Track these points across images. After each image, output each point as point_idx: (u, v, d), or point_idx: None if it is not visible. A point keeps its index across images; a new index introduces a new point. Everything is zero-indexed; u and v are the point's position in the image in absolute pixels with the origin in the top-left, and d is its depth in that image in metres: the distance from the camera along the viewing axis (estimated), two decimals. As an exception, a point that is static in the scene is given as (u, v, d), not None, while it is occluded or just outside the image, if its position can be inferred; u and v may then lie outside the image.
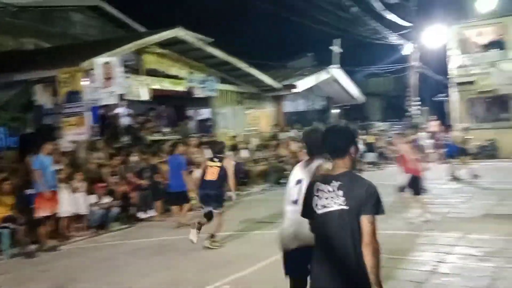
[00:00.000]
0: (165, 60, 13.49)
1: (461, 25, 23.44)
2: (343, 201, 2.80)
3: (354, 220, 2.78)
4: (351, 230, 2.78)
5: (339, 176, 2.89)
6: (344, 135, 3.00)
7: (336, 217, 2.81)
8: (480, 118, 23.47)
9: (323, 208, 2.87)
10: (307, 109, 23.67)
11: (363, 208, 2.77)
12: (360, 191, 2.81)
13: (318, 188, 2.92)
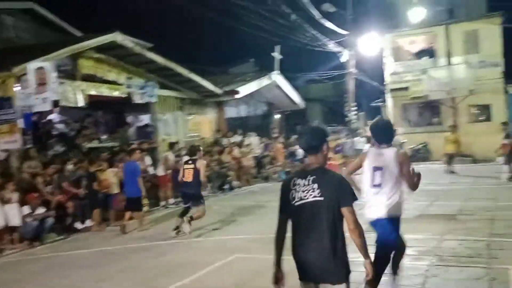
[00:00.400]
0: (103, 65, 13.12)
1: (394, 33, 24.47)
2: (318, 193, 3.13)
3: (329, 209, 3.12)
4: (326, 219, 3.11)
5: (314, 171, 3.21)
6: (317, 134, 3.33)
7: (312, 207, 3.13)
8: (413, 123, 24.58)
9: (300, 200, 3.17)
10: (249, 114, 23.79)
11: (341, 200, 3.13)
12: (334, 183, 3.16)
13: (295, 182, 3.22)
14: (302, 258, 3.23)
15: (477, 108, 22.45)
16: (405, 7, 24.86)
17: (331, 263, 3.13)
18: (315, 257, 3.16)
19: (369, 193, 4.71)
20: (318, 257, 3.15)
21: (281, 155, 19.14)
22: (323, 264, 3.14)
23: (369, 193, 4.71)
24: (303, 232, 3.19)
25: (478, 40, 22.22)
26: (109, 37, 12.43)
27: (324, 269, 3.14)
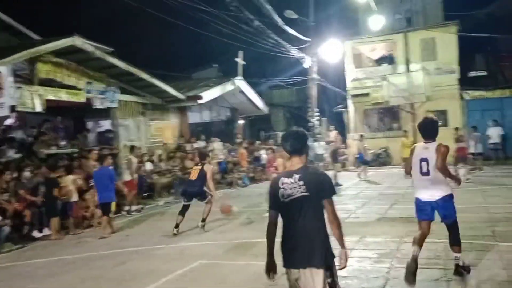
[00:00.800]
0: (62, 69, 12.78)
1: (355, 40, 24.97)
2: (304, 189, 3.54)
3: (315, 202, 3.56)
4: (313, 211, 3.56)
5: (298, 170, 3.64)
6: (300, 138, 3.78)
7: (300, 202, 3.55)
8: (374, 128, 25.12)
9: (289, 197, 3.58)
10: (212, 120, 23.73)
11: (323, 194, 3.57)
12: (317, 179, 3.61)
13: (283, 182, 3.63)
14: (292, 247, 3.59)
15: (434, 113, 23.10)
16: (366, 15, 25.41)
17: (318, 250, 3.53)
18: (304, 245, 3.54)
19: (420, 180, 5.68)
20: (306, 245, 3.54)
21: (245, 160, 19.16)
22: (310, 251, 3.52)
23: (419, 179, 5.67)
24: (292, 225, 3.61)
25: (435, 47, 22.95)
26: (68, 41, 12.13)
27: (311, 255, 3.52)
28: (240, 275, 6.42)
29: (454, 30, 22.61)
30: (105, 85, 14.23)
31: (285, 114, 35.33)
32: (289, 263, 3.64)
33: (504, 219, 8.80)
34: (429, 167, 5.52)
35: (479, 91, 22.61)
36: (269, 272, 3.73)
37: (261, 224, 9.94)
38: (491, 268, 5.91)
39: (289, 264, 3.65)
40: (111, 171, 10.42)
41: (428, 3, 27.27)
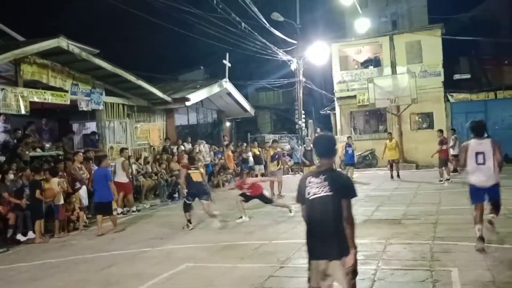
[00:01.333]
0: (47, 71, 12.65)
1: (341, 43, 25.11)
2: (328, 189, 3.90)
3: (336, 201, 3.89)
4: (333, 210, 3.88)
5: (325, 171, 3.99)
6: (330, 143, 4.20)
7: (323, 200, 3.90)
8: (360, 130, 25.27)
9: (314, 194, 3.94)
10: (199, 122, 23.67)
11: (344, 194, 3.92)
12: (340, 181, 3.98)
13: (310, 180, 4.00)
14: (316, 241, 3.97)
15: (420, 116, 23.35)
16: (352, 17, 25.59)
17: (340, 244, 3.89)
18: (327, 239, 3.90)
19: (476, 169, 6.91)
20: (329, 239, 3.90)
21: (232, 162, 19.12)
22: (334, 245, 3.89)
23: (475, 169, 6.90)
24: (315, 220, 3.97)
25: (420, 50, 23.18)
26: (53, 43, 11.99)
27: (335, 248, 3.89)
28: (226, 278, 6.39)
29: (438, 33, 22.87)
30: (90, 87, 14.12)
31: (272, 116, 35.43)
32: (315, 255, 3.99)
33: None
34: (485, 159, 6.78)
35: (463, 94, 22.91)
36: None
37: (246, 227, 9.96)
38: (476, 269, 5.97)
39: (314, 257, 3.99)
40: (107, 171, 10.84)
41: (413, 7, 27.62)
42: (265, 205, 13.14)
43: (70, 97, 13.25)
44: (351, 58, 26.74)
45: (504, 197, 11.19)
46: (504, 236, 7.58)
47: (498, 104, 21.94)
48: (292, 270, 6.51)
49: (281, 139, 27.14)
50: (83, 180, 11.91)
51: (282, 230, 9.37)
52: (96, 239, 9.86)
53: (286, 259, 7.05)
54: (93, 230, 10.87)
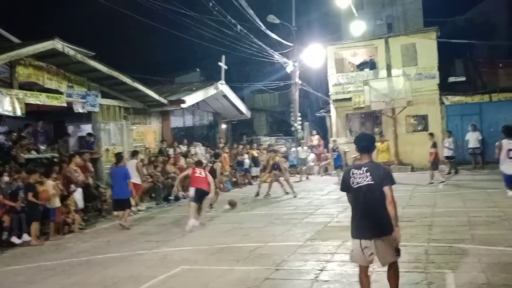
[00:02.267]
0: (43, 73, 12.62)
1: (337, 45, 25.16)
2: (371, 179, 4.66)
3: (378, 189, 4.63)
4: (375, 195, 4.61)
5: (366, 164, 4.77)
6: (370, 140, 5.03)
7: (366, 188, 4.65)
8: (356, 132, 25.28)
9: (357, 184, 4.69)
10: (195, 124, 23.66)
11: (384, 182, 4.64)
12: (380, 172, 4.71)
13: (353, 172, 4.76)
14: (360, 223, 4.68)
15: (415, 118, 23.42)
16: (347, 20, 25.66)
17: (381, 224, 4.60)
18: (368, 221, 4.62)
19: (508, 163, 10.02)
20: (370, 221, 4.61)
21: (228, 164, 19.12)
22: (375, 225, 4.61)
23: (508, 162, 10.00)
24: (359, 205, 4.70)
25: (415, 53, 23.24)
26: (48, 45, 11.97)
27: (377, 227, 4.60)
28: (222, 280, 6.40)
29: (433, 36, 22.94)
30: (86, 89, 14.10)
31: (268, 118, 35.44)
32: (360, 235, 4.70)
33: (483, 223, 8.94)
34: None
35: (458, 96, 22.97)
36: None
37: (243, 229, 9.97)
38: (471, 271, 6.00)
39: (359, 236, 4.70)
40: (126, 170, 11.60)
41: (408, 10, 27.73)
42: (261, 207, 13.21)
43: (66, 99, 13.23)
44: (347, 61, 26.80)
45: (497, 200, 11.37)
46: (498, 238, 7.63)
47: (493, 107, 22.02)
48: (288, 272, 6.52)
49: (277, 141, 27.19)
50: (79, 182, 11.91)
51: (278, 232, 9.39)
52: (91, 242, 9.84)
53: (282, 261, 7.06)
54: (88, 233, 10.87)
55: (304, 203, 13.47)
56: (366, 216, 4.64)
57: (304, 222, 10.37)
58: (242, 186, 19.43)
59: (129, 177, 11.48)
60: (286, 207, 13.03)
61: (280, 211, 12.31)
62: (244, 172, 20.08)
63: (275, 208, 12.97)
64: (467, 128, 21.41)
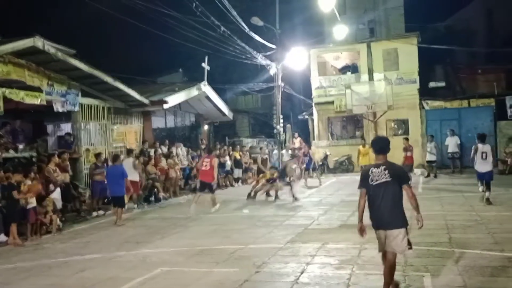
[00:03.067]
0: (22, 70, 12.41)
1: (320, 49, 25.32)
2: (388, 176, 5.18)
3: (394, 185, 5.19)
4: (392, 192, 5.18)
5: (383, 164, 5.31)
6: (385, 143, 5.55)
7: (384, 185, 5.18)
8: (337, 136, 25.49)
9: (376, 181, 5.21)
10: (177, 125, 23.53)
11: (402, 181, 5.25)
12: (396, 170, 5.29)
13: (372, 171, 5.29)
14: (379, 215, 5.21)
15: (396, 122, 23.70)
16: (331, 24, 25.82)
17: (397, 217, 5.19)
18: (387, 214, 5.17)
19: (481, 162, 11.54)
20: (389, 213, 5.17)
21: (209, 166, 19.02)
22: (391, 217, 5.18)
23: (481, 162, 11.52)
24: (378, 200, 5.20)
25: (397, 58, 23.55)
26: (28, 42, 11.78)
27: (392, 220, 5.18)
28: (201, 282, 6.37)
29: (415, 41, 23.27)
30: (66, 87, 13.90)
31: (250, 120, 35.43)
32: (379, 226, 5.24)
33: (460, 226, 9.08)
34: (487, 156, 11.45)
35: (438, 101, 23.34)
36: (361, 232, 5.38)
37: (223, 231, 9.94)
38: (448, 274, 6.09)
39: (379, 227, 5.24)
40: (122, 169, 12.07)
41: (390, 15, 28.02)
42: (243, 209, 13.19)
43: (45, 98, 13.03)
44: (329, 64, 26.99)
45: (474, 204, 11.57)
46: (475, 241, 7.76)
47: (471, 112, 22.42)
48: (268, 275, 6.52)
49: (259, 144, 27.20)
50: (58, 182, 11.74)
51: (259, 234, 9.39)
52: (69, 243, 9.70)
53: (262, 263, 7.06)
54: (66, 234, 10.71)
55: (285, 206, 13.51)
56: (385, 209, 5.17)
57: (285, 225, 10.40)
58: (223, 188, 19.38)
59: (125, 175, 11.94)
60: (268, 209, 13.05)
61: (262, 213, 12.32)
62: (225, 174, 20.03)
63: (256, 210, 12.97)
64: (446, 132, 21.75)
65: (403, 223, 5.18)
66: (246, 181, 21.17)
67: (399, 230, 5.15)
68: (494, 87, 23.54)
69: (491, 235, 8.22)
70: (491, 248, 7.30)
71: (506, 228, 8.80)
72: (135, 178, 13.88)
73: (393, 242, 5.16)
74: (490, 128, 21.68)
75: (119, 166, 12.22)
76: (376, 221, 5.25)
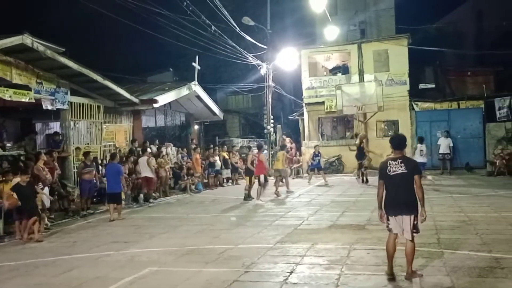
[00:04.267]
0: (10, 68, 12.28)
1: (311, 49, 25.36)
2: (404, 168, 5.86)
3: (410, 177, 5.85)
4: (407, 182, 5.85)
5: (400, 157, 5.99)
6: (403, 139, 6.25)
7: (400, 175, 5.87)
8: (327, 136, 25.54)
9: (393, 172, 5.89)
10: (167, 124, 23.43)
11: (415, 172, 5.89)
12: (411, 163, 6.00)
13: (390, 163, 5.95)
14: (395, 203, 5.90)
15: (386, 123, 23.79)
16: (322, 25, 25.90)
17: (410, 205, 5.83)
18: (402, 201, 5.85)
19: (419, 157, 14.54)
20: (404, 201, 5.84)
21: (199, 166, 19.01)
22: (406, 205, 5.83)
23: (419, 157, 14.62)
24: (394, 189, 5.89)
25: (387, 59, 23.64)
26: (17, 39, 11.65)
27: (407, 207, 5.83)
28: (190, 282, 6.33)
29: (405, 43, 23.38)
30: (55, 86, 13.79)
31: (241, 120, 35.42)
32: (394, 212, 5.90)
33: (448, 227, 9.13)
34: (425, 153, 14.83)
35: (428, 103, 23.46)
36: (382, 218, 6.07)
37: (213, 231, 9.91)
38: (436, 274, 6.11)
39: (393, 213, 5.90)
40: (119, 167, 12.50)
41: (381, 16, 28.16)
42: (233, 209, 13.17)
43: (34, 96, 12.91)
44: (320, 65, 27.04)
45: (463, 205, 11.65)
46: (463, 242, 7.80)
47: (461, 114, 22.57)
48: (257, 275, 6.50)
49: (249, 143, 27.19)
50: (46, 181, 11.63)
51: (248, 234, 9.37)
52: (57, 242, 9.61)
53: (251, 263, 7.04)
54: (54, 233, 10.61)
55: (275, 206, 13.50)
56: (400, 197, 5.84)
57: (275, 225, 10.39)
58: (213, 188, 19.35)
59: (121, 173, 12.43)
60: (257, 209, 13.03)
61: (251, 213, 12.31)
62: (215, 173, 19.99)
63: (246, 210, 12.95)
64: (436, 134, 21.88)
65: (415, 211, 5.82)
66: (236, 181, 21.15)
67: (411, 216, 5.81)
68: (483, 89, 23.74)
69: (479, 236, 8.27)
70: (479, 249, 7.35)
71: (494, 229, 8.86)
72: (149, 175, 15.06)
73: (405, 227, 5.82)
74: (479, 129, 21.86)
75: (116, 164, 12.55)
76: (392, 207, 5.91)
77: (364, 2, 28.53)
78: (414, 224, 5.84)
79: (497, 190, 14.44)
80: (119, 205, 12.29)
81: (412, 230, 5.83)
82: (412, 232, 5.84)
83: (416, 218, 5.84)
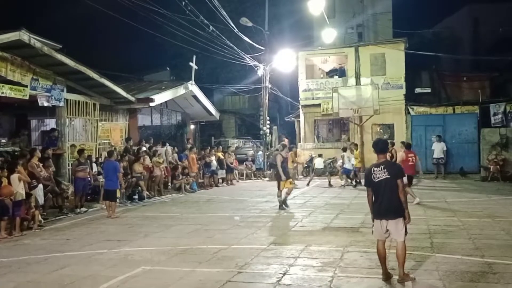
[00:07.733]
0: (6, 64, 12.24)
1: (308, 51, 25.39)
2: (387, 174, 5.97)
3: (393, 182, 5.95)
4: (391, 187, 5.95)
5: (383, 163, 6.11)
6: (385, 144, 6.53)
7: (384, 181, 5.97)
8: (323, 138, 25.58)
9: (378, 178, 6.01)
10: (163, 123, 23.42)
11: (397, 176, 5.99)
12: (393, 168, 6.09)
13: (374, 170, 6.07)
14: (381, 207, 6.00)
15: (381, 127, 23.85)
16: (319, 27, 25.95)
17: (396, 209, 5.96)
18: (387, 206, 5.95)
19: None
20: (389, 206, 5.95)
21: (195, 165, 19.00)
22: (390, 209, 5.96)
23: None
24: (380, 195, 6.00)
25: (384, 63, 23.70)
26: (14, 35, 11.62)
27: (391, 211, 5.96)
28: (183, 282, 6.33)
29: (402, 47, 23.45)
30: (51, 82, 13.76)
31: (237, 121, 35.45)
32: (380, 216, 6.01)
33: (441, 231, 9.16)
34: None
35: (423, 107, 23.53)
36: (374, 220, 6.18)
37: (207, 231, 9.90)
38: (429, 278, 6.13)
39: (380, 217, 6.01)
40: (116, 164, 12.55)
41: (379, 20, 28.27)
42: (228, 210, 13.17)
43: (30, 92, 12.87)
44: (317, 67, 27.08)
45: (457, 209, 11.69)
46: (456, 246, 7.83)
47: (456, 119, 22.66)
48: (250, 275, 6.50)
49: (245, 144, 27.20)
50: (40, 178, 11.58)
51: (242, 235, 9.37)
52: (50, 239, 9.58)
53: (245, 264, 7.04)
54: (47, 230, 10.57)
55: (269, 207, 13.50)
56: (385, 203, 5.95)
57: (269, 226, 10.39)
58: (208, 188, 19.33)
59: (118, 170, 12.49)
60: (252, 210, 13.03)
61: (246, 214, 12.30)
62: (210, 174, 19.98)
63: (241, 211, 12.95)
64: (430, 138, 21.95)
65: (401, 213, 5.95)
66: (231, 181, 21.15)
67: (398, 219, 5.93)
68: (478, 94, 23.83)
69: (472, 240, 8.31)
70: (471, 253, 7.38)
71: (486, 234, 8.90)
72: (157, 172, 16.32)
73: (394, 230, 5.95)
74: (474, 135, 21.93)
75: (113, 161, 12.58)
76: (378, 212, 6.03)
77: (361, 6, 28.66)
78: (402, 226, 5.98)
79: (491, 195, 14.50)
80: (112, 203, 12.31)
81: (402, 232, 5.95)
82: (401, 233, 5.96)
83: (403, 221, 5.98)
